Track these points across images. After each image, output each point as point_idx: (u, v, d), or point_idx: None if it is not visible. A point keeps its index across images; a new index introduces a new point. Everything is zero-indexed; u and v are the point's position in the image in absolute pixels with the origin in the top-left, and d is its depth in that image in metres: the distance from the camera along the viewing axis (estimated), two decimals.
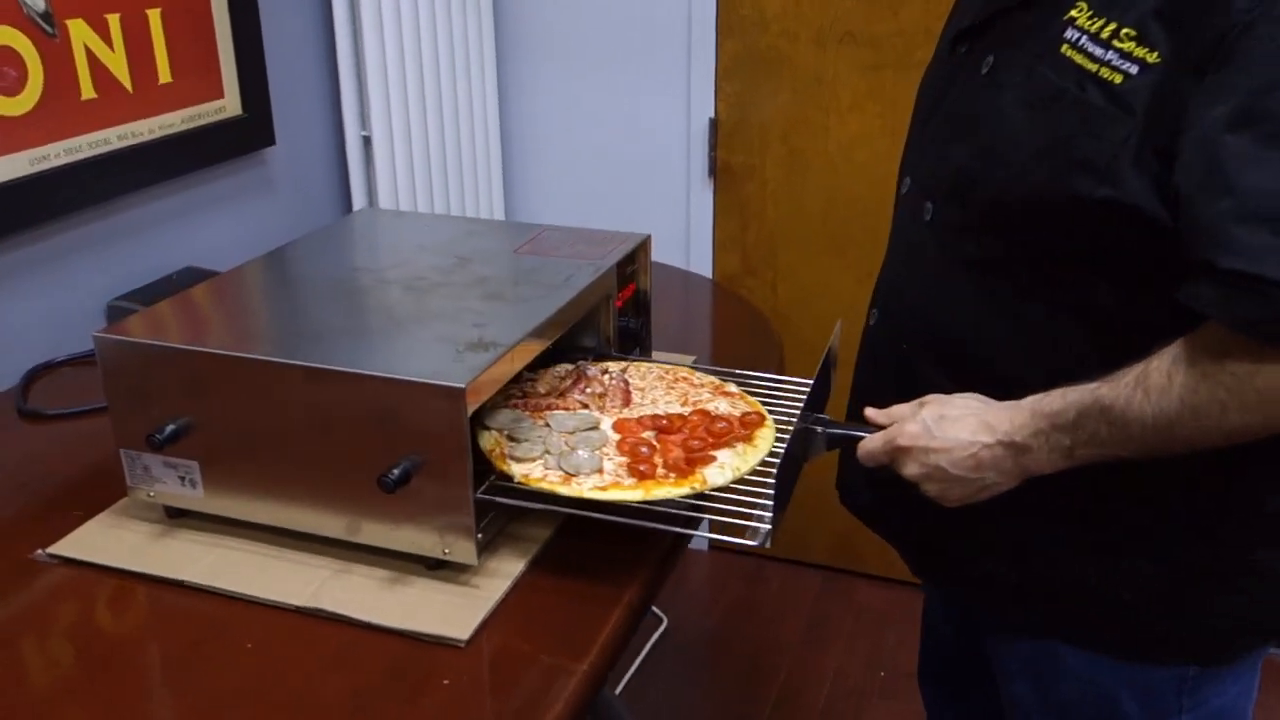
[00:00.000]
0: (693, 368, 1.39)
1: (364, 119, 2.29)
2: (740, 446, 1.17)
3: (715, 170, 2.64)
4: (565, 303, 1.27)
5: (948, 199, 1.16)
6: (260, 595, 1.14)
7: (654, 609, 2.63)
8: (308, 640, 1.09)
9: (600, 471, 1.13)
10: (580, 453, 1.15)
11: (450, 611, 1.10)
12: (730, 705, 2.53)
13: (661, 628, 2.72)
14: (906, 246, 1.25)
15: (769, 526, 1.09)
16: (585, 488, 1.10)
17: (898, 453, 1.12)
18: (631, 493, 1.09)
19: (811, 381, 1.22)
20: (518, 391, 1.27)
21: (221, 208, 2.05)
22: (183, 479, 1.22)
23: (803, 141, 2.55)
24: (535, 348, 1.22)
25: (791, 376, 1.40)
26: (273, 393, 1.14)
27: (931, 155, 1.21)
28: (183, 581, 1.16)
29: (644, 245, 1.48)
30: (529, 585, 1.15)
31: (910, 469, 1.12)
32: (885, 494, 1.24)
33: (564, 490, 1.10)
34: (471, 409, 1.08)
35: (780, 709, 2.50)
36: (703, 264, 2.70)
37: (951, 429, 1.08)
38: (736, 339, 1.85)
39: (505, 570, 1.16)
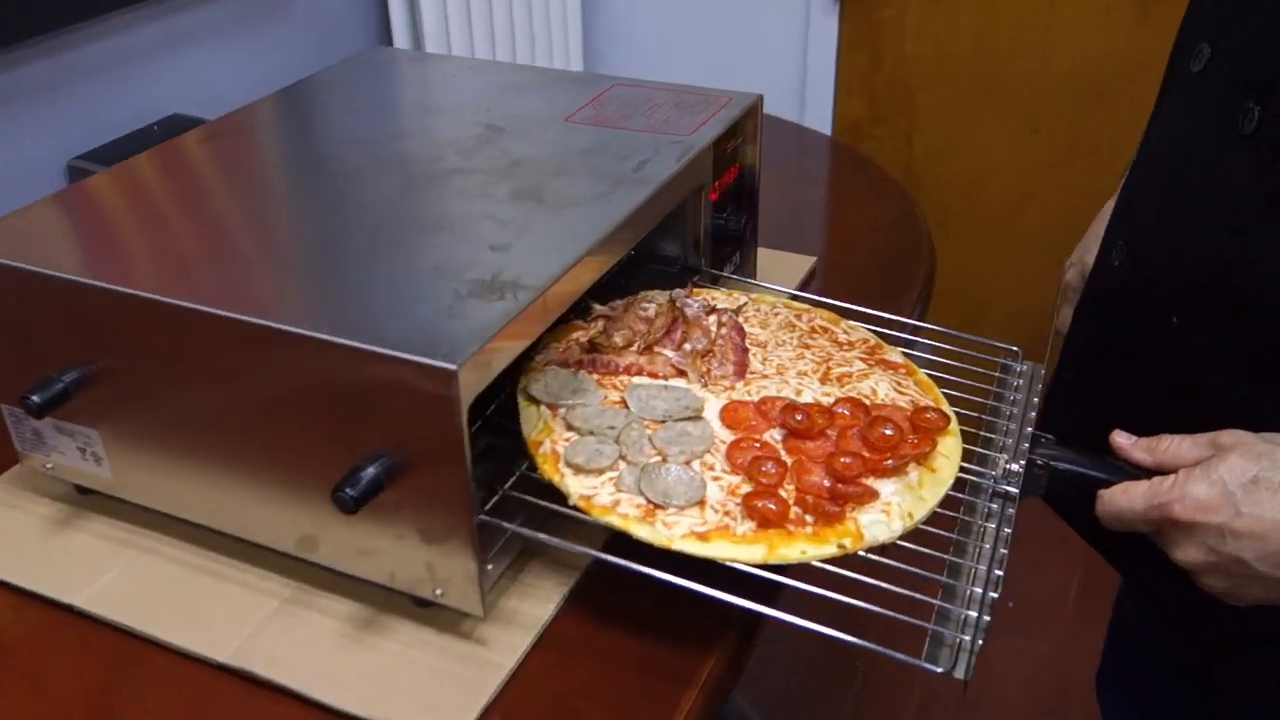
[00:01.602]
0: (835, 311, 0.95)
1: None
2: (914, 474, 0.76)
3: None
4: (632, 210, 0.85)
5: None
6: (168, 639, 0.78)
7: None
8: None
9: (701, 504, 0.73)
10: (671, 468, 0.74)
11: (441, 687, 0.74)
12: (830, 656, 2.15)
13: None
14: (1195, 158, 0.82)
15: (969, 638, 0.69)
16: (676, 533, 0.70)
17: (1170, 525, 0.71)
18: (748, 549, 0.69)
19: (1023, 361, 0.81)
20: (581, 335, 0.88)
21: (218, 40, 1.64)
22: (83, 451, 0.86)
23: None
24: (594, 269, 0.81)
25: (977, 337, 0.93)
26: (193, 349, 0.76)
27: (1261, 30, 0.77)
28: (72, 606, 0.82)
29: (752, 111, 1.05)
30: (558, 641, 0.78)
31: (1188, 553, 0.71)
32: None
33: (642, 532, 0.71)
34: (471, 395, 0.69)
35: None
36: (821, 112, 2.25)
37: (1270, 503, 0.67)
38: (870, 230, 1.40)
39: (525, 615, 0.79)
